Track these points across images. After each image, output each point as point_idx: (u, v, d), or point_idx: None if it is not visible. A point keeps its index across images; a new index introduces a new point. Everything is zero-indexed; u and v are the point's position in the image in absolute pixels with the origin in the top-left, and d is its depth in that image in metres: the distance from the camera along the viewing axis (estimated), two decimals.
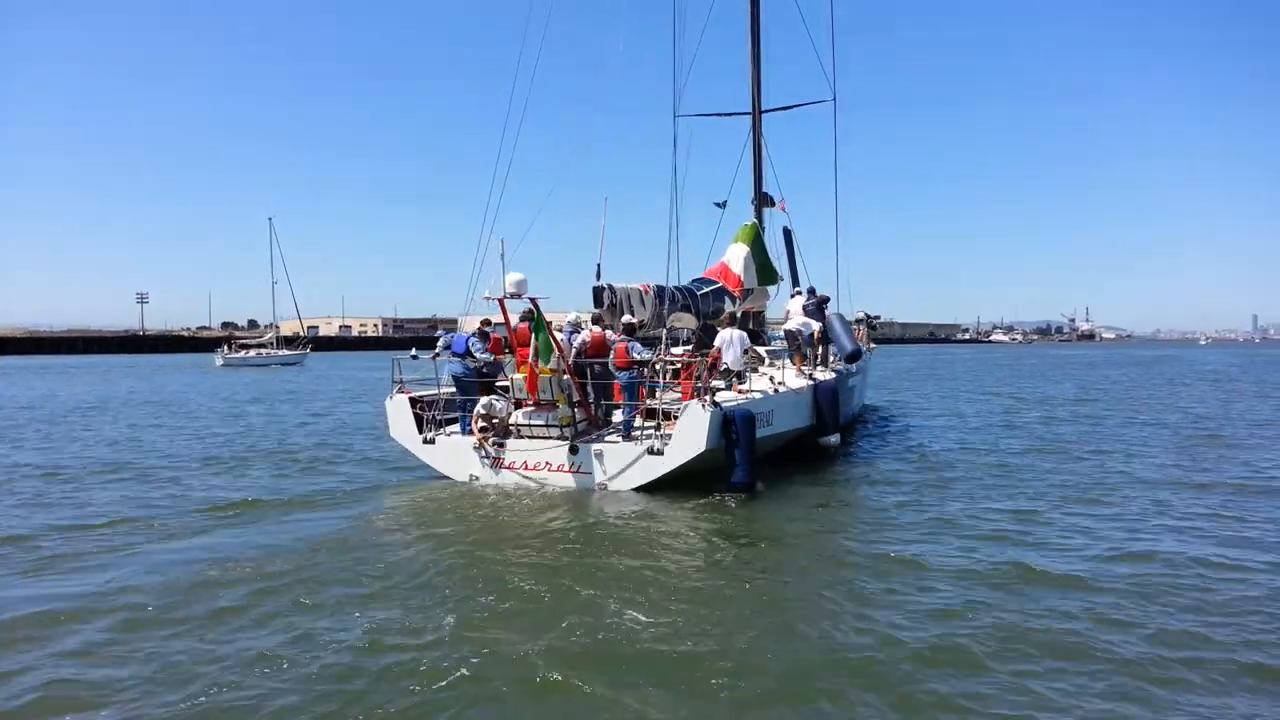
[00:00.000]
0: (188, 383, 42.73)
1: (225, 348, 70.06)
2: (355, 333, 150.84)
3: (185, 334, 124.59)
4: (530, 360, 11.79)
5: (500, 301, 11.68)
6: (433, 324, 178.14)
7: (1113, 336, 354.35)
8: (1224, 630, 6.52)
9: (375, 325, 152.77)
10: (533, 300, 11.52)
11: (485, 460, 12.06)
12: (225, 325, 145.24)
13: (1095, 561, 8.41)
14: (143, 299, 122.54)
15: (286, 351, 72.00)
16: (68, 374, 52.58)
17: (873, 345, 21.66)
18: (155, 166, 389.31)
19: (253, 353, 70.27)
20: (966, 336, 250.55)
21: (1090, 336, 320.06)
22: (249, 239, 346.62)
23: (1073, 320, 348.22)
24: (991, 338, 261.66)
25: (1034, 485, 12.49)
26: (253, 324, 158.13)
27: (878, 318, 22.83)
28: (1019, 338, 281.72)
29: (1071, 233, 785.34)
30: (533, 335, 11.82)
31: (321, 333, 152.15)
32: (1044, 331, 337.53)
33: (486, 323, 12.92)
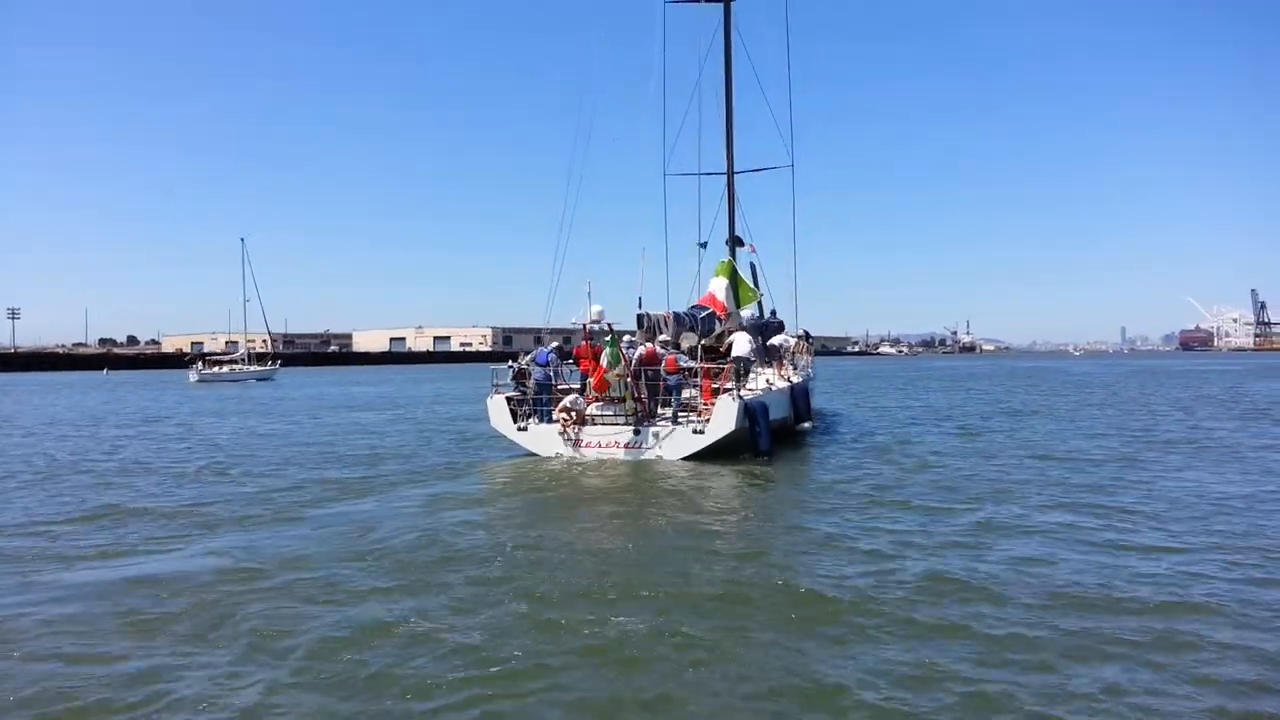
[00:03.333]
0: (227, 396, 46.85)
1: (200, 364, 73.89)
2: (243, 348, 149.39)
3: (60, 351, 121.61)
4: (604, 366, 16.90)
5: (584, 326, 16.80)
6: (325, 339, 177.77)
7: (992, 348, 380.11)
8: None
9: (265, 340, 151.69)
10: (609, 325, 16.66)
11: (568, 441, 17.06)
12: (103, 342, 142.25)
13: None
14: (14, 314, 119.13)
15: (258, 367, 77.40)
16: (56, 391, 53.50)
17: (810, 358, 27.51)
18: (28, 173, 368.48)
19: (226, 368, 74.81)
20: (856, 349, 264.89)
21: (971, 349, 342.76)
22: (126, 250, 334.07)
23: (955, 333, 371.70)
24: (880, 350, 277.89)
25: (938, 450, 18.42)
26: (132, 340, 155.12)
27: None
28: (905, 350, 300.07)
29: (952, 249, 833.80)
30: (606, 348, 16.92)
31: (207, 349, 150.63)
32: (929, 344, 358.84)
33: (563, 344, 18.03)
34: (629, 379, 16.91)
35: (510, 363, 18.05)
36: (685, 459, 16.58)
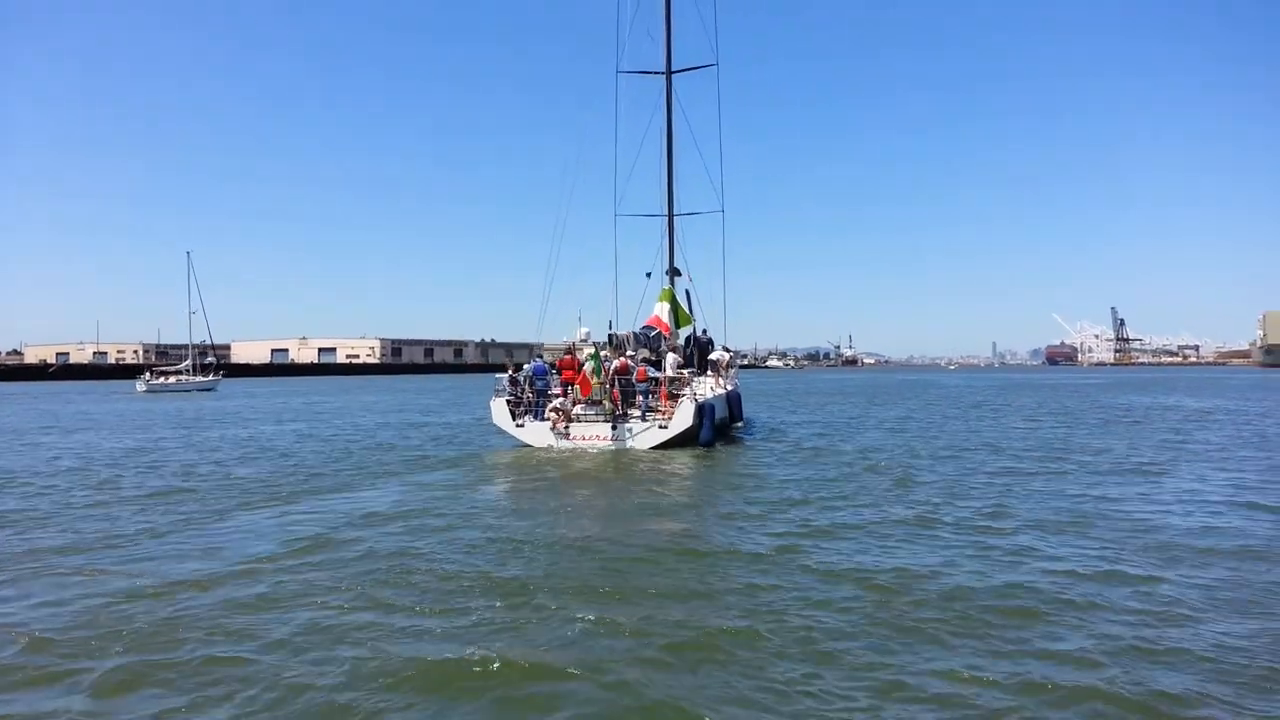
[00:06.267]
0: (190, 407, 49.02)
1: (148, 375, 78.16)
2: (113, 359, 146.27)
3: None
4: (587, 376, 21.96)
5: (573, 344, 21.86)
6: (202, 349, 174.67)
7: (873, 362, 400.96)
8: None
9: (136, 351, 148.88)
10: (595, 344, 21.76)
11: (558, 435, 22.01)
12: None
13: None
14: None
15: (201, 378, 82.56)
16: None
17: (736, 370, 33.14)
18: None
19: (172, 379, 79.82)
20: (745, 362, 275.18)
21: (853, 362, 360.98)
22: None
23: (838, 347, 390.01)
24: (768, 363, 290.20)
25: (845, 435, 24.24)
26: (15, 354, 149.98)
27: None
28: (791, 363, 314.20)
29: (835, 266, 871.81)
30: (590, 361, 21.98)
31: (73, 359, 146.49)
32: (814, 357, 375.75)
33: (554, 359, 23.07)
34: (607, 386, 22.03)
35: (510, 372, 22.92)
36: (652, 449, 21.73)
